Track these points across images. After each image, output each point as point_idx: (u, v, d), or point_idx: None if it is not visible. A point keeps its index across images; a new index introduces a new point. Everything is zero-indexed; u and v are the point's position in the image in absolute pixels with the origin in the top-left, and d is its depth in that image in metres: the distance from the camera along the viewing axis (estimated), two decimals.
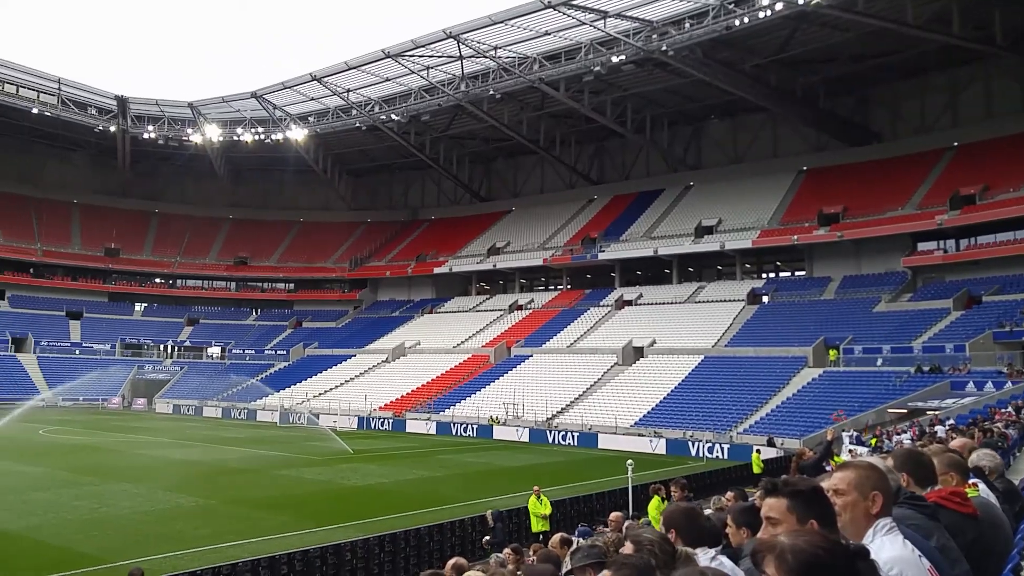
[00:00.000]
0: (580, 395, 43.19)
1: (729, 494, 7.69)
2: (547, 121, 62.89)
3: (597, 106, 56.36)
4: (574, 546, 7.63)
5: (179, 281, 76.98)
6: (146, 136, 71.21)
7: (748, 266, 55.26)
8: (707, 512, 5.95)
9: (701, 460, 30.54)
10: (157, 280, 76.56)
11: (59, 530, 15.15)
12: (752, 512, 3.21)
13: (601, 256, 58.52)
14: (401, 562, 13.20)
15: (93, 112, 69.74)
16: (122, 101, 70.04)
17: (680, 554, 3.03)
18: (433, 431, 42.43)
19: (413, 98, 60.39)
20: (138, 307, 75.08)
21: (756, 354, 41.75)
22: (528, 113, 61.25)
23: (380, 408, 47.69)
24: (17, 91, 65.88)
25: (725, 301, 49.83)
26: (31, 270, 71.47)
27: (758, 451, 24.46)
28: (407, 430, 43.68)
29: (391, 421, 45.36)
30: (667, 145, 62.42)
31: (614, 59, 48.21)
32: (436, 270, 68.58)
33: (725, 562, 3.35)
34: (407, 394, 49.45)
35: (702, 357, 43.29)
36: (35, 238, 72.98)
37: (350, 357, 60.75)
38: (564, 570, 5.19)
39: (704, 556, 3.32)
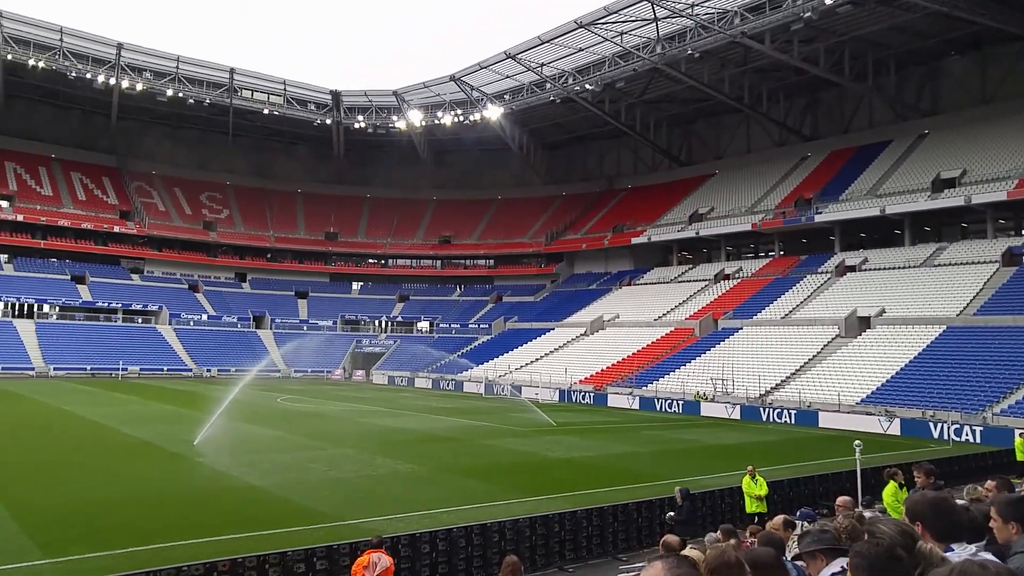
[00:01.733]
0: (797, 370, 40.53)
1: (989, 483, 6.71)
2: (751, 77, 59.12)
3: (808, 56, 51.94)
4: (798, 530, 7.10)
5: (390, 261, 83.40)
6: (357, 126, 77.72)
7: (1002, 222, 48.21)
8: (960, 503, 5.21)
9: (947, 443, 27.33)
10: (371, 260, 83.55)
11: (298, 489, 17.08)
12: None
13: (818, 218, 54.17)
14: (609, 536, 13.24)
15: (312, 108, 77.25)
16: (336, 95, 76.84)
17: (922, 549, 2.68)
18: (636, 406, 42.20)
19: (607, 66, 59.73)
20: (355, 286, 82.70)
21: (1015, 323, 36.40)
22: (730, 70, 58.00)
23: (580, 381, 48.33)
24: (252, 95, 74.71)
25: (972, 263, 43.92)
26: (267, 255, 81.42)
27: (1022, 435, 21.34)
28: (608, 404, 43.85)
29: (592, 395, 45.81)
30: (894, 91, 56.06)
31: (827, 1, 44.06)
32: (634, 240, 67.72)
33: (990, 560, 2.88)
34: (607, 368, 49.59)
35: (944, 327, 38.56)
36: (268, 226, 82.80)
37: (549, 331, 62.14)
38: (790, 554, 4.81)
39: (961, 552, 2.91)
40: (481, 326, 70.92)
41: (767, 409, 36.56)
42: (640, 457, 23.70)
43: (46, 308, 64.34)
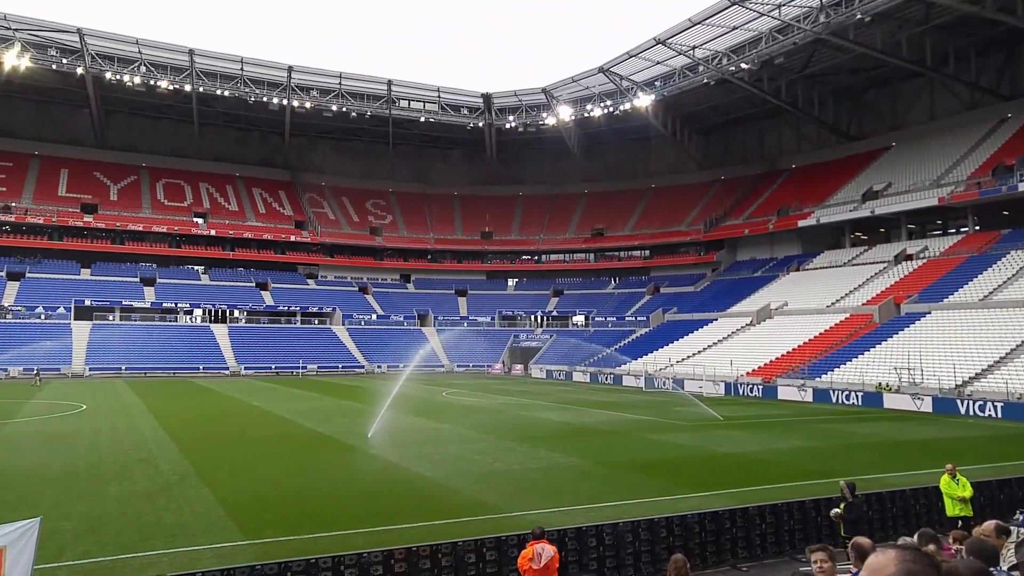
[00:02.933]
0: (1002, 358, 36.31)
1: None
2: (933, 36, 53.67)
3: (1005, 5, 46.39)
4: (1014, 537, 6.29)
5: (543, 256, 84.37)
6: (508, 126, 79.34)
7: None
8: None
9: None
10: (524, 257, 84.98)
11: (465, 480, 17.64)
12: None
13: (1023, 186, 48.26)
14: (785, 535, 12.52)
15: (465, 112, 79.82)
16: (487, 98, 78.82)
17: None
18: (809, 398, 39.75)
19: (764, 42, 56.71)
20: (510, 282, 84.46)
21: None
22: (908, 31, 53.01)
23: (747, 374, 46.26)
24: (408, 105, 78.48)
25: None
26: (428, 256, 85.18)
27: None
28: (779, 397, 41.64)
29: (760, 387, 43.69)
30: None
31: None
32: (801, 223, 63.86)
33: None
34: (777, 359, 47.10)
35: None
36: (428, 229, 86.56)
37: (711, 321, 60.06)
38: (1005, 564, 4.30)
39: None
40: (638, 318, 69.90)
41: (966, 401, 33.06)
42: (816, 452, 22.25)
43: (236, 313, 71.33)
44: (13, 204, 69.62)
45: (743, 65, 59.01)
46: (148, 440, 23.56)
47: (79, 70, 66.38)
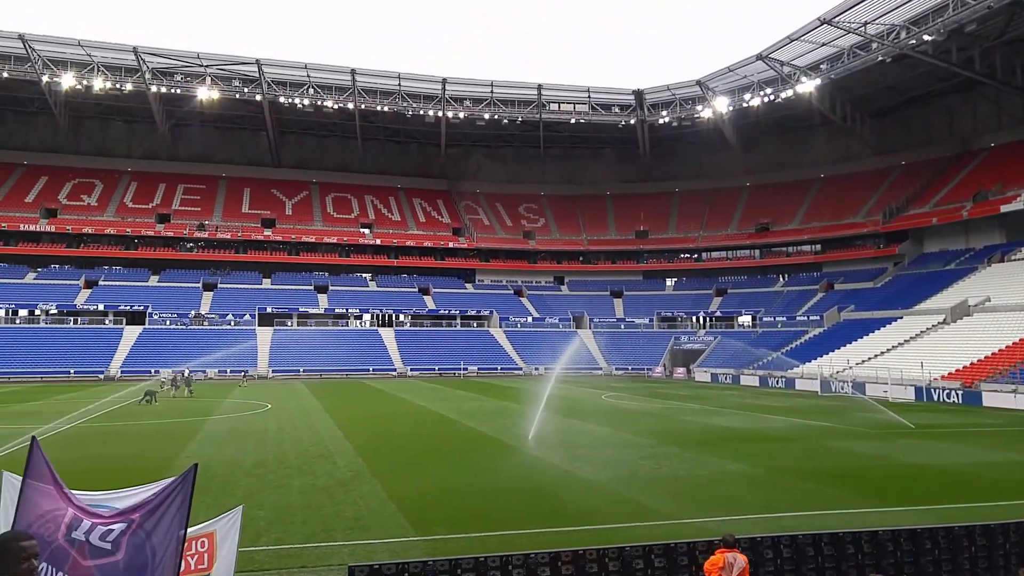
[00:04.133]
0: None
1: None
2: None
3: None
4: None
5: (703, 254, 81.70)
6: (661, 121, 77.74)
7: None
8: None
9: None
10: (683, 255, 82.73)
11: (629, 485, 17.35)
12: None
13: None
14: (999, 559, 11.15)
15: (616, 110, 79.21)
16: (639, 94, 77.73)
17: None
18: (1022, 406, 35.54)
19: (951, 9, 51.61)
20: (668, 282, 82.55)
21: None
22: None
23: (943, 377, 42.12)
24: (559, 107, 79.16)
25: None
26: (580, 258, 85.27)
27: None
28: (983, 404, 37.57)
29: (960, 392, 39.62)
30: None
31: None
32: (1004, 208, 57.39)
33: None
34: (979, 361, 42.52)
35: None
36: (581, 230, 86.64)
37: (895, 320, 55.38)
38: None
39: None
40: (810, 318, 65.81)
41: None
42: None
43: (401, 317, 75.14)
44: (206, 222, 77.74)
45: (926, 37, 53.93)
46: (325, 438, 25.27)
47: (258, 96, 72.98)
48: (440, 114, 76.38)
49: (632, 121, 78.54)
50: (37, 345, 60.95)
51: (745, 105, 70.95)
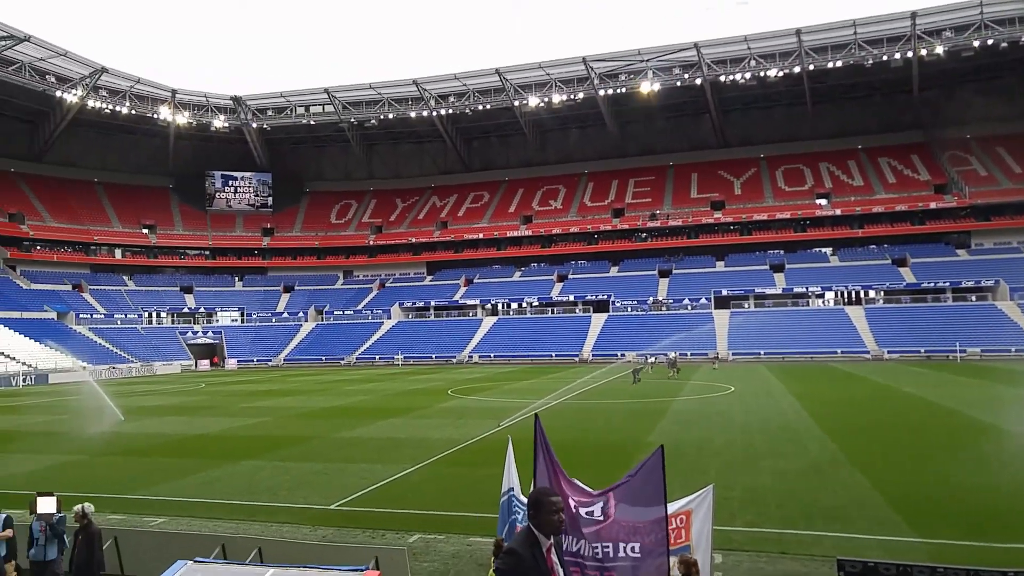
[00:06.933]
0: None
1: None
2: None
3: None
4: None
5: None
6: None
7: None
8: None
9: None
10: None
11: None
12: None
13: None
14: None
15: None
16: None
17: None
18: None
19: None
20: None
21: None
22: None
23: None
24: None
25: None
26: None
27: None
28: None
29: None
30: None
31: None
32: None
33: None
34: None
35: None
36: None
37: None
38: None
39: None
40: None
41: None
42: None
43: (871, 294, 68.36)
44: (657, 212, 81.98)
45: None
46: (791, 421, 24.14)
47: (698, 80, 74.16)
48: (910, 54, 67.33)
49: None
50: (524, 332, 71.87)
51: None
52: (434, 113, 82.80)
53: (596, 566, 5.73)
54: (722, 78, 73.32)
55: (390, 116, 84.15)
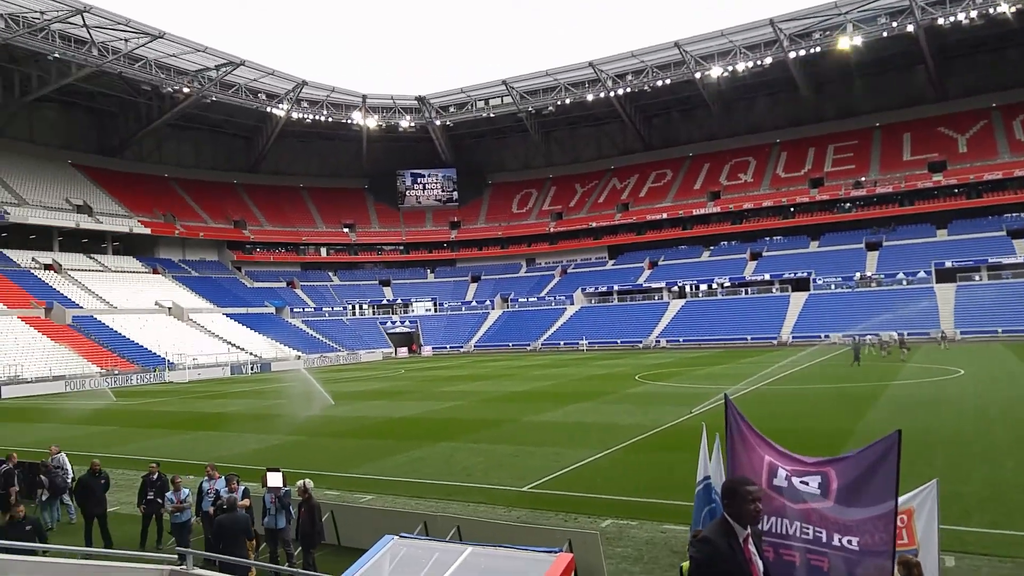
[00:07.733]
0: None
1: None
2: None
3: None
4: None
5: None
6: None
7: None
8: None
9: None
10: None
11: None
12: None
13: None
14: None
15: None
16: None
17: None
18: None
19: None
20: None
21: None
22: None
23: None
24: None
25: None
26: None
27: None
28: None
29: None
30: None
31: None
32: None
33: None
34: None
35: None
36: None
37: None
38: None
39: None
40: None
41: None
42: None
43: None
44: (863, 179, 75.48)
45: None
46: None
47: (909, 27, 66.91)
48: None
49: None
50: (715, 315, 69.24)
51: None
52: (611, 94, 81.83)
53: (804, 548, 5.18)
54: (940, 20, 65.40)
55: (567, 101, 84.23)
